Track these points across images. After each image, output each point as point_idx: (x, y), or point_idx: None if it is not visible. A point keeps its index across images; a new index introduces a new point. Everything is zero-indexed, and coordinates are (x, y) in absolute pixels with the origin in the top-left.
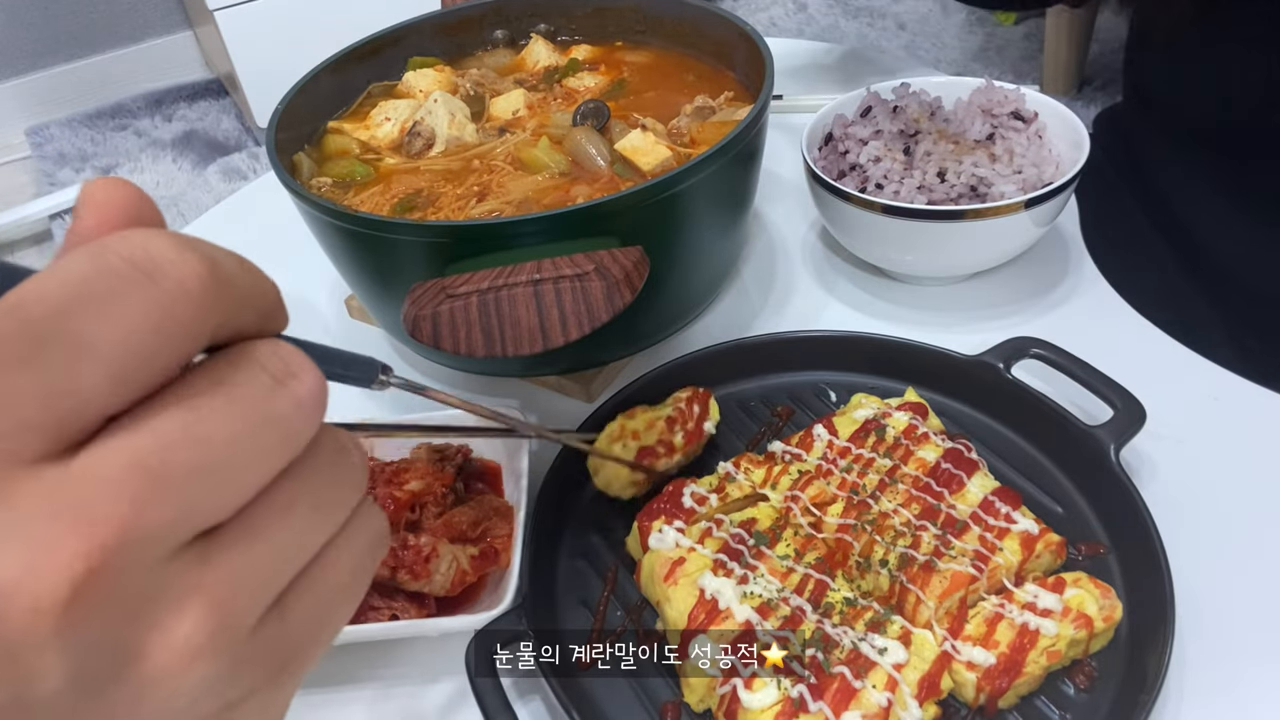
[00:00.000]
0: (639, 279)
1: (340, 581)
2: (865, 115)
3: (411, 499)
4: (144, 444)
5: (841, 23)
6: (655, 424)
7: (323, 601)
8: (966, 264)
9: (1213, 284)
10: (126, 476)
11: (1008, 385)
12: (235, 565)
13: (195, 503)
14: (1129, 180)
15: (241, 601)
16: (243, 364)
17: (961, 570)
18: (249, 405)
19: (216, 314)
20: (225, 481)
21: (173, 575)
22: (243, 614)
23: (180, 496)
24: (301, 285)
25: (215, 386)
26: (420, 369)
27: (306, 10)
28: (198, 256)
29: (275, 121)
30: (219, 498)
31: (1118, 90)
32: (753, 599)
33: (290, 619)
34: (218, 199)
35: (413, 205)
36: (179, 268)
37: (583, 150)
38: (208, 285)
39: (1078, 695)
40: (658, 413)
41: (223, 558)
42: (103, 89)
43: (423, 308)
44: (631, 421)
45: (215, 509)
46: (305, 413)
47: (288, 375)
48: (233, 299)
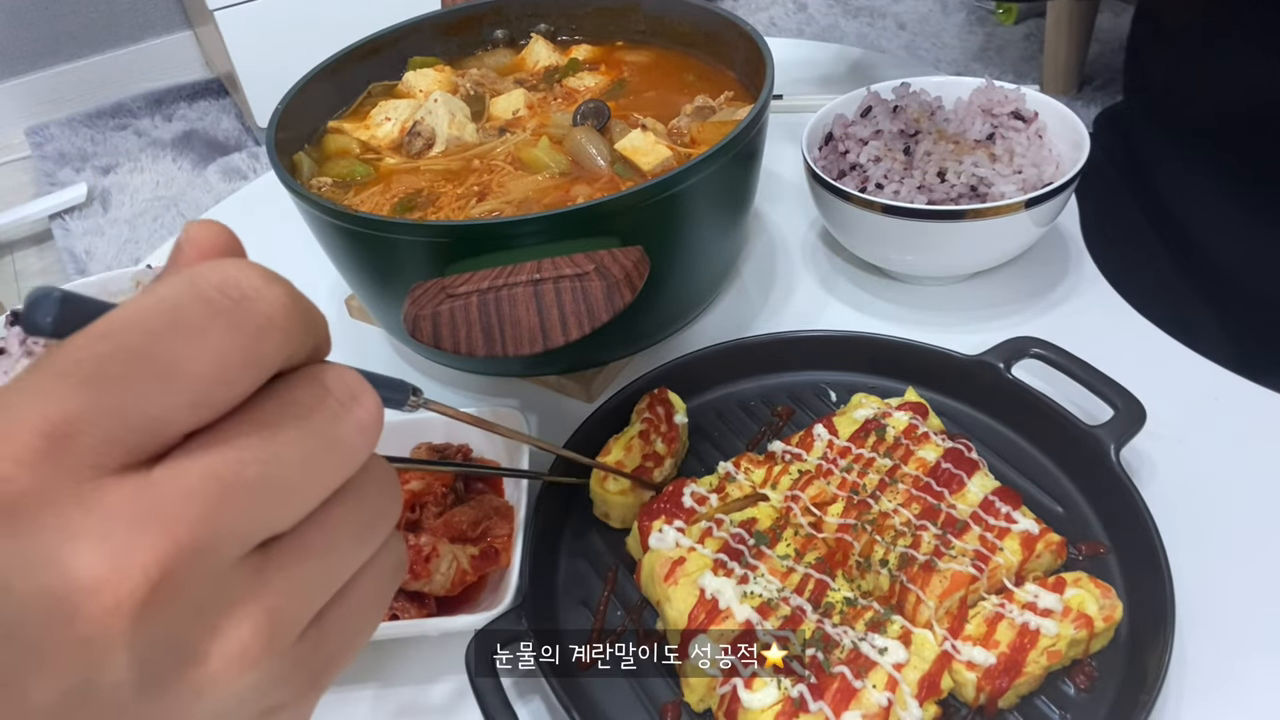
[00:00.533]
0: (639, 279)
1: (368, 601)
2: (865, 115)
3: (411, 499)
4: (219, 459)
5: (841, 23)
6: (632, 445)
7: (355, 618)
8: (966, 264)
9: (1213, 284)
10: (201, 487)
11: (1008, 385)
12: (290, 578)
13: (261, 514)
14: (1129, 180)
15: (293, 612)
16: (314, 388)
17: (962, 570)
18: (316, 427)
19: (293, 343)
20: (289, 496)
21: (235, 583)
22: (293, 624)
23: (249, 508)
24: (301, 285)
25: (286, 408)
26: (420, 369)
27: (306, 10)
28: (283, 289)
29: (275, 121)
30: (283, 511)
31: (1118, 90)
32: (753, 599)
33: (328, 632)
34: (218, 199)
35: (413, 205)
36: (266, 299)
37: (583, 150)
38: (292, 315)
39: (1078, 695)
40: (628, 434)
41: (279, 570)
42: (103, 89)
43: (423, 308)
44: (609, 456)
45: (278, 521)
46: (366, 436)
47: (351, 400)
48: (305, 328)
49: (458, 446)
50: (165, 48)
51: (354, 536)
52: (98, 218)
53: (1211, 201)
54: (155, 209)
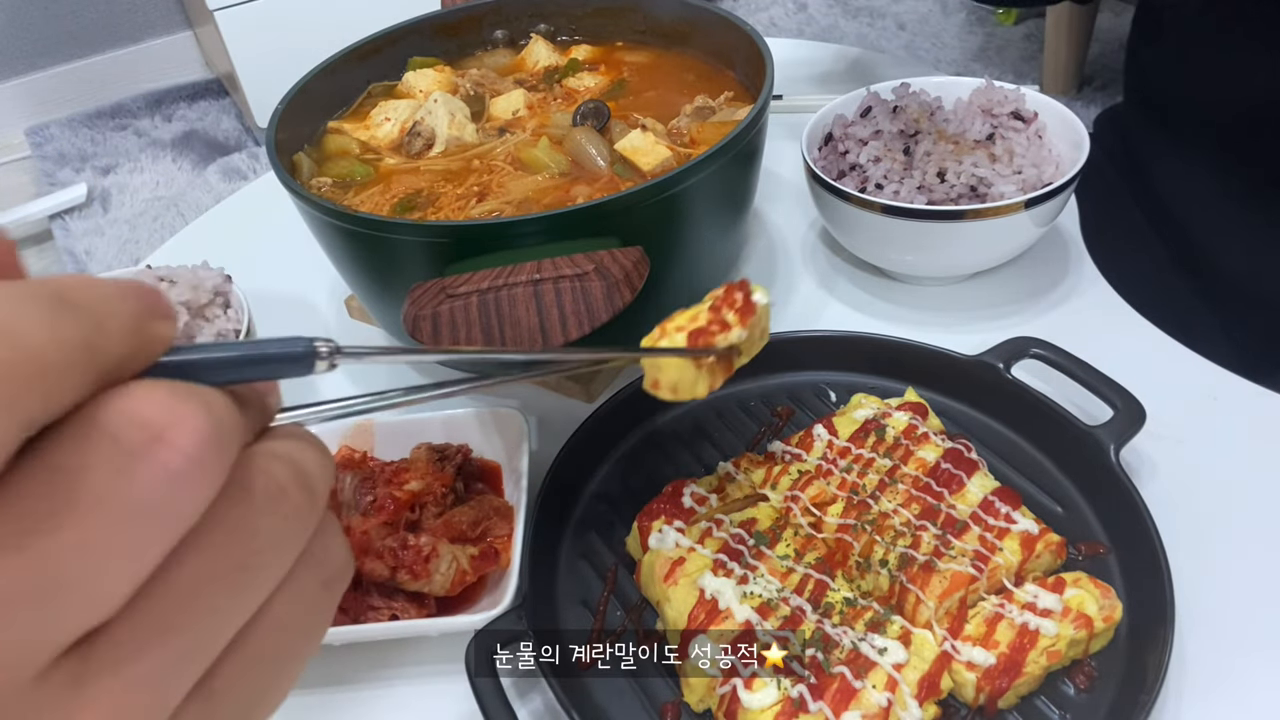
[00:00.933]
0: (639, 279)
1: (285, 637)
2: (865, 115)
3: (411, 499)
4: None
5: (841, 23)
6: (698, 314)
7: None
8: (966, 264)
9: (1213, 284)
10: None
11: (1008, 385)
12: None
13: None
14: (1129, 180)
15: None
16: (90, 441)
17: (961, 570)
18: (96, 500)
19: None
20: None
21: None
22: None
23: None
24: (301, 285)
25: (48, 485)
26: (420, 369)
27: (306, 10)
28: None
29: (275, 121)
30: (79, 613)
31: (1118, 90)
32: (753, 599)
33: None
34: (218, 199)
35: (412, 205)
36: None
37: (583, 150)
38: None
39: (1078, 695)
40: (697, 307)
41: (108, 666)
42: (103, 89)
43: (423, 308)
44: (671, 322)
45: (76, 624)
46: (187, 481)
47: (152, 440)
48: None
49: (458, 446)
50: (165, 48)
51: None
52: (98, 218)
53: (1212, 201)
54: (155, 209)
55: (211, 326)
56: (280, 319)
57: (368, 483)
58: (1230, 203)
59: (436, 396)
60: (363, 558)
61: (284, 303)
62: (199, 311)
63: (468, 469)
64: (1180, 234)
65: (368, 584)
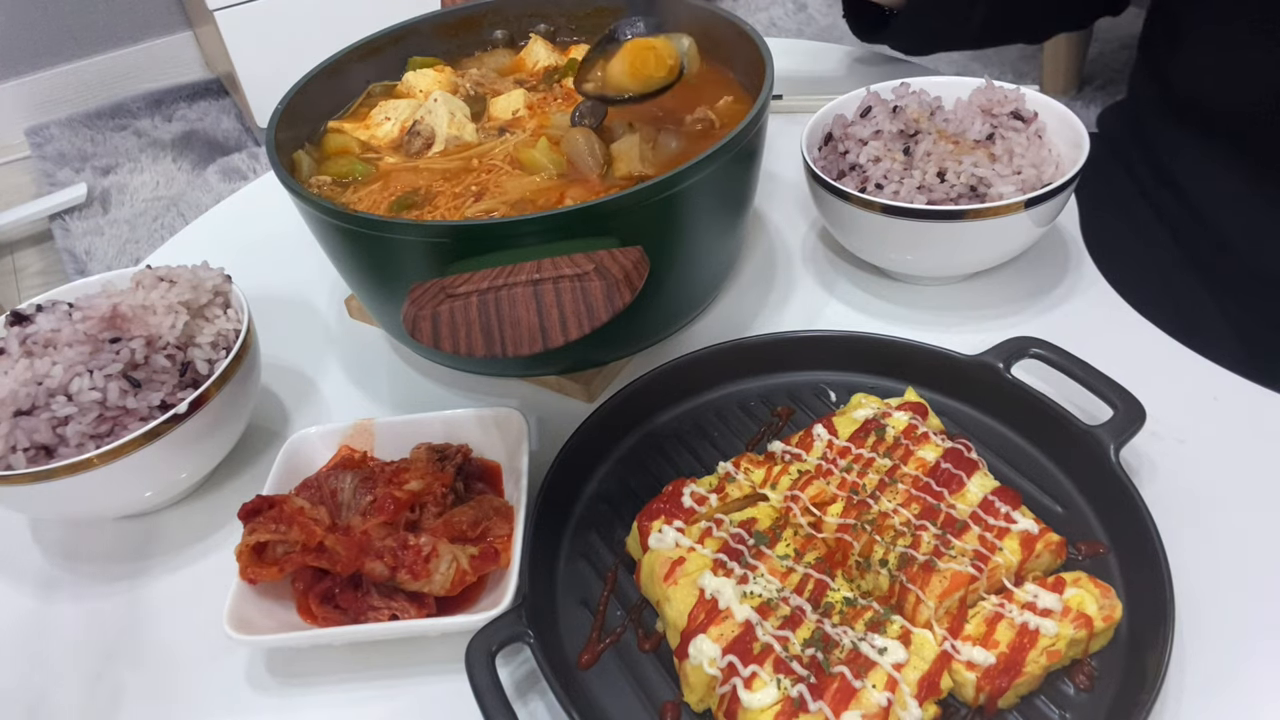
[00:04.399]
0: (639, 279)
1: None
2: (865, 115)
3: (411, 499)
4: None
5: (841, 23)
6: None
7: None
8: (966, 264)
9: (1213, 284)
10: None
11: (1008, 385)
12: None
13: None
14: (1132, 176)
15: None
16: None
17: (961, 570)
18: None
19: None
20: None
21: None
22: None
23: None
24: (301, 285)
25: None
26: (420, 369)
27: (306, 10)
28: None
29: (275, 121)
30: None
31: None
32: (753, 599)
33: None
34: (218, 199)
35: (410, 203)
36: None
37: (578, 151)
38: None
39: (1078, 695)
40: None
41: None
42: (103, 89)
43: (423, 308)
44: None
45: None
46: None
47: None
48: None
49: (458, 446)
50: (165, 48)
51: None
52: (98, 218)
53: (1224, 194)
54: (155, 209)
55: (211, 326)
56: (280, 319)
57: (368, 483)
58: (1247, 197)
59: None
60: (363, 558)
61: (284, 303)
62: (199, 311)
63: (468, 469)
64: (1194, 227)
65: (368, 584)
